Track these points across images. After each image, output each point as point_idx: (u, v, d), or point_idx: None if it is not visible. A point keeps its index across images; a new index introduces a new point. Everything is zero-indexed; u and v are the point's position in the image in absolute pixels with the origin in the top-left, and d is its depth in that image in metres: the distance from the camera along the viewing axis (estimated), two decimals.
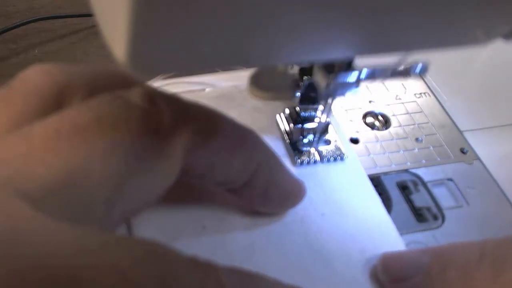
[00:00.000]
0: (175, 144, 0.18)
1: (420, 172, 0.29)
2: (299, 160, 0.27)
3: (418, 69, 0.24)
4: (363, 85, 0.34)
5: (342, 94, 0.24)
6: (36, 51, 0.41)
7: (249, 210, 0.24)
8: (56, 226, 0.13)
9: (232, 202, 0.24)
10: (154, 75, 0.15)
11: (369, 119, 0.32)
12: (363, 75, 0.23)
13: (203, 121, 0.19)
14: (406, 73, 0.24)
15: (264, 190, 0.22)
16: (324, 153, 0.28)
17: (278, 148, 0.28)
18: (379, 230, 0.25)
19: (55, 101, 0.18)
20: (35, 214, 0.13)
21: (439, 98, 0.34)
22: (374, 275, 0.23)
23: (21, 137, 0.15)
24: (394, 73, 0.24)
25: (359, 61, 0.23)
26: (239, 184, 0.21)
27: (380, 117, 0.32)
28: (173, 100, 0.18)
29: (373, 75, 0.24)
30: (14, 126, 0.17)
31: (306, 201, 0.25)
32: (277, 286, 0.17)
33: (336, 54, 0.18)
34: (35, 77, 0.18)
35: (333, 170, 0.28)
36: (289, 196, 0.24)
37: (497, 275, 0.19)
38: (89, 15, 0.43)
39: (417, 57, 0.24)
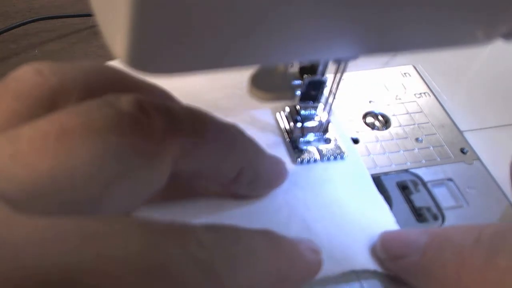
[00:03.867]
0: (165, 152, 0.18)
1: (420, 172, 0.29)
2: (299, 159, 0.28)
3: None
4: (362, 86, 0.34)
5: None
6: (36, 51, 0.41)
7: (235, 197, 0.25)
8: (32, 222, 0.14)
9: (218, 191, 0.25)
10: (154, 75, 0.15)
11: (369, 119, 0.32)
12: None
13: (193, 129, 0.19)
14: None
15: (250, 182, 0.24)
16: (324, 151, 0.28)
17: (278, 146, 0.28)
18: (382, 227, 0.25)
19: (48, 102, 0.18)
20: (13, 213, 0.13)
21: (439, 98, 0.34)
22: (374, 252, 0.24)
23: (8, 138, 0.15)
24: None
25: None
26: (226, 181, 0.23)
27: (380, 117, 0.32)
28: (163, 107, 0.18)
29: None
30: (5, 125, 0.17)
31: (307, 201, 0.26)
32: (249, 235, 0.18)
33: (336, 53, 0.18)
34: (27, 76, 0.18)
35: (333, 169, 0.28)
36: (274, 181, 0.26)
37: (490, 259, 0.19)
38: (89, 15, 0.43)
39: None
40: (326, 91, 0.27)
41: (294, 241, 0.20)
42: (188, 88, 0.28)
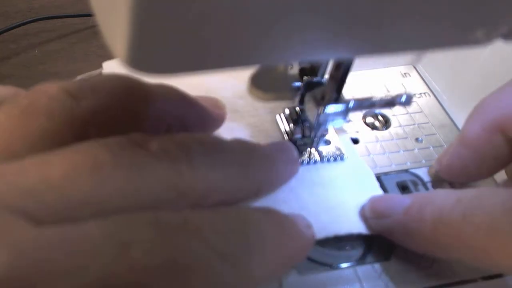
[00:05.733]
0: (185, 194, 0.19)
1: (420, 172, 0.29)
2: (299, 160, 0.28)
3: (403, 99, 0.26)
4: (363, 86, 0.34)
5: (331, 122, 0.26)
6: (36, 51, 0.41)
7: None
8: (56, 232, 0.14)
9: None
10: (154, 75, 0.15)
11: (369, 119, 0.32)
12: (350, 105, 0.25)
13: (209, 164, 0.20)
14: (391, 103, 0.26)
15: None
16: (324, 153, 0.28)
17: None
18: (371, 195, 0.26)
19: (78, 126, 0.19)
20: (36, 229, 0.14)
21: (439, 98, 0.34)
22: (359, 216, 0.25)
23: (40, 163, 0.16)
24: (380, 103, 0.26)
25: (346, 93, 0.25)
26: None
27: (380, 117, 0.32)
28: (183, 147, 0.19)
29: (359, 105, 0.26)
30: (36, 142, 0.17)
31: (306, 202, 0.26)
32: (257, 216, 0.19)
33: (336, 54, 0.18)
34: (58, 97, 0.19)
35: (333, 170, 0.28)
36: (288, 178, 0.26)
37: (466, 216, 0.20)
38: (89, 15, 0.43)
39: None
40: None
41: (292, 218, 0.21)
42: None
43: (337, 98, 0.25)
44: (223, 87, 0.32)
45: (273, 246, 0.19)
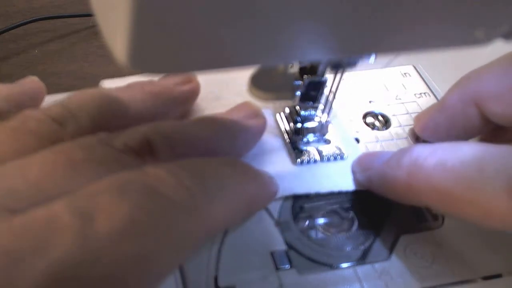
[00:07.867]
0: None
1: None
2: (299, 160, 0.28)
3: None
4: (362, 86, 0.34)
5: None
6: (36, 51, 0.41)
7: None
8: (32, 215, 0.15)
9: None
10: (153, 75, 0.15)
11: (369, 119, 0.32)
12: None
13: (176, 154, 0.21)
14: None
15: None
16: (324, 152, 0.28)
17: (278, 147, 0.28)
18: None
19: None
20: (11, 218, 0.15)
21: (439, 98, 0.34)
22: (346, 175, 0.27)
23: (22, 164, 0.18)
24: None
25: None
26: None
27: (380, 117, 0.32)
28: (147, 144, 0.21)
29: None
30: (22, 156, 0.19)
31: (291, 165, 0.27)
32: (221, 164, 0.21)
33: (336, 53, 0.18)
34: (46, 121, 0.21)
35: (334, 169, 0.28)
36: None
37: (440, 161, 0.21)
38: (89, 15, 0.43)
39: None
40: (326, 91, 0.27)
41: (255, 168, 0.23)
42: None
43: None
44: (222, 87, 0.32)
45: (232, 190, 0.20)
